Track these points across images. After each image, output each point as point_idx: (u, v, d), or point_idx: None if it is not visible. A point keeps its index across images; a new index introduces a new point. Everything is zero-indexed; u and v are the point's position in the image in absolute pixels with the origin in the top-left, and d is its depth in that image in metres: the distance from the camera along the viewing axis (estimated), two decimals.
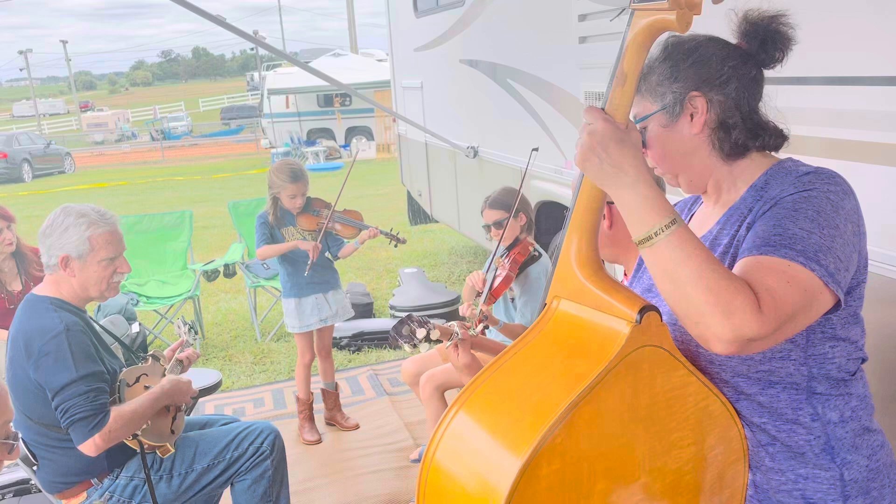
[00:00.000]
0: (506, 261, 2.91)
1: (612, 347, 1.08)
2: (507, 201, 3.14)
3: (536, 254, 3.07)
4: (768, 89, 1.30)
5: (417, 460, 3.58)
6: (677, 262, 1.07)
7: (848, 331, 1.23)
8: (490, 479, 1.05)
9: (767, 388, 1.22)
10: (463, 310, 2.71)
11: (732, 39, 1.28)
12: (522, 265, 3.03)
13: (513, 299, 3.18)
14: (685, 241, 1.07)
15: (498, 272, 2.84)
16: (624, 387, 1.09)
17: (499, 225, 3.11)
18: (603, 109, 1.13)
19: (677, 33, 1.06)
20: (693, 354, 1.24)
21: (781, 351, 1.20)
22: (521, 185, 3.13)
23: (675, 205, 1.16)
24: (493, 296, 2.75)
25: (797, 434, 1.23)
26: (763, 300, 1.04)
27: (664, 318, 1.13)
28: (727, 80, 1.23)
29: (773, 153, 1.31)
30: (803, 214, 1.13)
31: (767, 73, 1.29)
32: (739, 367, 1.22)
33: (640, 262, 1.50)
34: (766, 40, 1.24)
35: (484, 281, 2.90)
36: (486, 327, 2.58)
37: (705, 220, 1.34)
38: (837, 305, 1.14)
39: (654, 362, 1.12)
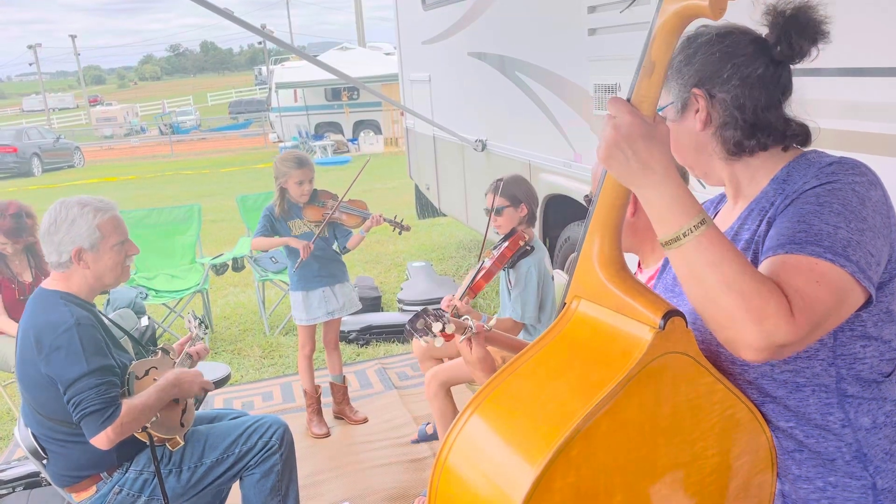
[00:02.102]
0: (494, 252, 2.89)
1: (633, 354, 1.03)
2: (511, 189, 3.11)
3: (528, 248, 3.02)
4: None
5: (417, 440, 3.70)
6: (706, 264, 1.02)
7: (881, 329, 1.16)
8: (503, 488, 1.01)
9: (795, 391, 1.17)
10: (443, 303, 2.70)
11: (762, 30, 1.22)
12: (512, 259, 3.00)
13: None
14: (715, 242, 1.02)
15: (484, 264, 2.82)
16: (645, 396, 1.03)
17: (498, 212, 3.10)
18: (628, 101, 1.06)
19: (710, 21, 0.99)
20: (714, 354, 1.19)
21: (808, 350, 1.14)
22: (486, 230, 3.13)
23: (702, 204, 1.12)
24: (472, 291, 2.71)
25: (826, 440, 1.17)
26: (794, 303, 0.99)
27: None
28: (729, 78, 1.19)
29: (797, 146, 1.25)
30: (828, 208, 1.08)
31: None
32: (764, 368, 1.17)
33: (666, 262, 1.45)
34: (787, 31, 1.17)
35: (450, 304, 2.86)
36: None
37: (727, 216, 1.29)
38: (868, 302, 1.09)
39: (678, 370, 1.07)
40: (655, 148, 1.04)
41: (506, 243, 2.88)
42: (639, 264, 1.96)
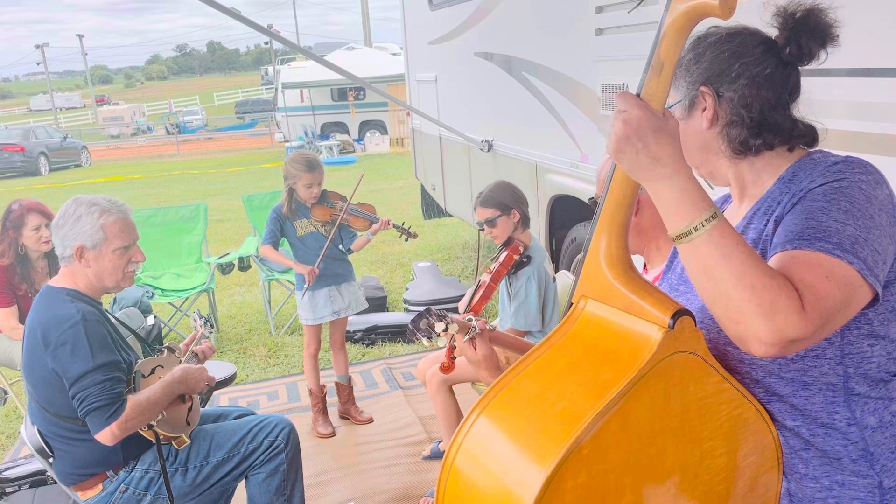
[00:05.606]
0: (493, 266, 2.87)
1: (642, 354, 1.02)
2: (498, 198, 3.08)
3: (525, 259, 3.00)
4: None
5: (429, 457, 3.56)
6: (717, 258, 1.01)
7: (888, 328, 1.16)
8: (513, 490, 1.01)
9: (801, 389, 1.16)
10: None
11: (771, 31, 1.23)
12: (510, 272, 2.97)
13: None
14: (726, 236, 1.02)
15: (482, 280, 2.81)
16: (654, 395, 1.03)
17: (490, 223, 3.07)
18: (638, 96, 1.06)
19: (720, 21, 0.99)
20: (721, 353, 1.18)
21: (816, 349, 1.14)
22: (479, 250, 3.10)
23: None
24: (473, 312, 2.68)
25: (833, 439, 1.17)
26: (805, 298, 0.98)
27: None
28: (737, 77, 1.19)
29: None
30: (836, 206, 1.07)
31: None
32: (771, 367, 1.17)
33: (672, 259, 1.44)
34: (797, 33, 1.18)
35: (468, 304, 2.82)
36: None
37: (733, 216, 1.29)
38: (875, 300, 1.08)
39: (687, 369, 1.06)
40: (665, 141, 1.03)
41: (503, 255, 2.86)
42: (644, 266, 1.95)
